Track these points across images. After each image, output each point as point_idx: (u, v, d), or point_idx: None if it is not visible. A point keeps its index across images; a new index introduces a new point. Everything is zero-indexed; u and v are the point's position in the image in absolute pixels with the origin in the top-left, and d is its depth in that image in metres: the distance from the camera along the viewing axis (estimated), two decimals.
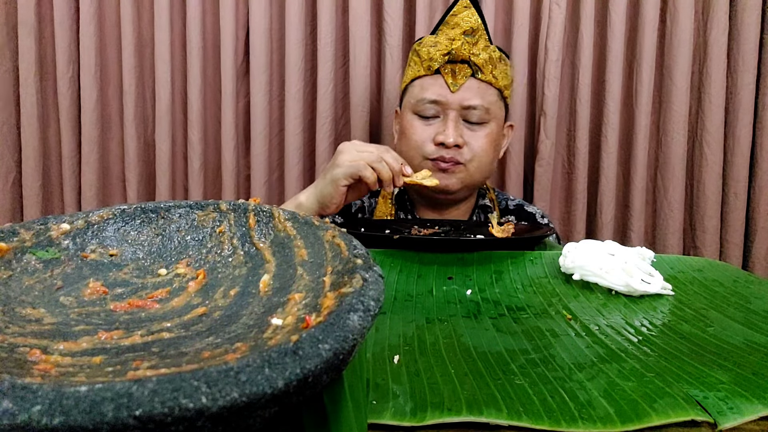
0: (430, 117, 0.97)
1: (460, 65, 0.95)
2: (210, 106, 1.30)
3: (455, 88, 0.94)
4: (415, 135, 0.97)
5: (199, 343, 0.27)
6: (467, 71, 0.95)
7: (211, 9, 1.27)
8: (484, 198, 1.09)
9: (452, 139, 0.93)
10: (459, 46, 0.94)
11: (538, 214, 1.08)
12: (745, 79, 1.23)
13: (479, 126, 0.96)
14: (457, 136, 0.94)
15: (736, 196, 1.26)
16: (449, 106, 0.95)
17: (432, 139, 0.96)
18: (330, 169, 0.84)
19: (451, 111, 0.95)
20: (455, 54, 0.94)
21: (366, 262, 0.31)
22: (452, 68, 0.95)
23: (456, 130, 0.94)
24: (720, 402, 0.34)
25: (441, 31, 0.98)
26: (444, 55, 0.95)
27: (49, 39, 1.27)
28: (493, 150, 0.99)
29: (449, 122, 0.95)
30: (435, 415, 0.32)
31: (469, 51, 0.94)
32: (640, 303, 0.54)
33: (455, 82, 0.95)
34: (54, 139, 1.31)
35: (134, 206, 0.41)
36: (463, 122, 0.96)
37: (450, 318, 0.50)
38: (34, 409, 0.18)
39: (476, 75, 0.95)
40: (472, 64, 0.95)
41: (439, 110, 0.96)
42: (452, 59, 0.95)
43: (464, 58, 0.95)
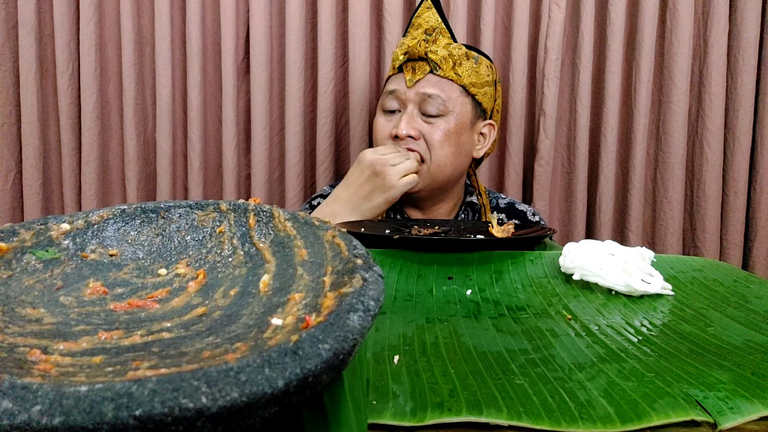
0: (393, 112, 1.00)
1: (419, 63, 0.98)
2: (210, 105, 1.30)
3: (411, 83, 0.98)
4: (378, 131, 1.01)
5: (199, 343, 0.27)
6: (425, 68, 0.98)
7: (211, 7, 1.27)
8: (471, 195, 1.09)
9: (404, 130, 0.96)
10: (415, 44, 0.98)
11: (529, 212, 1.08)
12: (745, 78, 1.23)
13: (437, 118, 0.97)
14: (410, 127, 0.96)
15: (736, 196, 1.26)
16: (407, 99, 0.98)
17: (389, 135, 0.99)
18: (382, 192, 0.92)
19: (410, 104, 0.98)
20: (411, 52, 0.98)
21: (366, 262, 0.31)
22: (412, 65, 0.99)
23: (409, 122, 0.97)
24: (720, 402, 0.34)
25: (408, 32, 1.02)
26: (404, 53, 0.99)
27: (49, 37, 1.27)
28: (454, 145, 0.99)
29: (404, 115, 0.98)
30: (435, 415, 0.32)
31: (425, 48, 0.98)
32: (640, 303, 0.54)
33: (413, 77, 0.98)
34: (54, 138, 1.31)
35: (134, 206, 0.41)
36: (422, 116, 0.98)
37: (450, 318, 0.50)
38: (34, 409, 0.18)
39: (435, 71, 0.98)
40: (430, 61, 0.98)
41: (400, 105, 0.99)
42: (410, 57, 0.99)
43: (421, 56, 0.98)
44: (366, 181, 0.92)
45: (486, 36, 1.23)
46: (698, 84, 1.27)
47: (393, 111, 1.00)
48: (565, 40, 1.26)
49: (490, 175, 1.32)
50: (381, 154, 0.92)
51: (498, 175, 1.33)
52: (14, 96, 1.29)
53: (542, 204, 1.26)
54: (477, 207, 1.08)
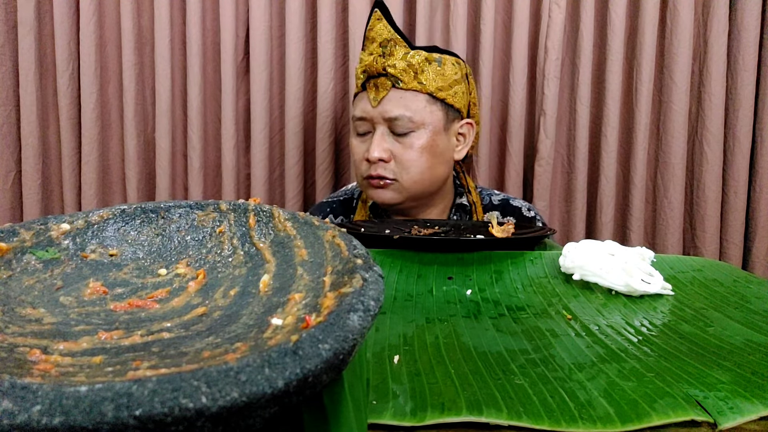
0: (365, 134, 0.98)
1: (380, 79, 0.95)
2: (210, 105, 1.30)
3: (375, 102, 0.95)
4: (354, 154, 1.00)
5: (199, 343, 0.27)
6: (387, 83, 0.95)
7: (211, 7, 1.27)
8: (461, 197, 1.07)
9: (376, 154, 0.94)
10: (371, 61, 0.95)
11: (524, 208, 1.05)
12: (745, 78, 1.23)
13: (406, 136, 0.95)
14: (381, 150, 0.94)
15: (736, 196, 1.26)
16: (375, 120, 0.96)
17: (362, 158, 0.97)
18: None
19: (379, 125, 0.96)
20: (370, 69, 0.95)
21: (366, 262, 0.31)
22: (374, 82, 0.96)
23: (380, 145, 0.94)
24: (720, 402, 0.34)
25: (365, 46, 0.99)
26: (363, 72, 0.97)
27: (49, 37, 1.27)
28: (429, 157, 0.96)
29: (375, 138, 0.95)
30: (435, 415, 0.32)
31: (382, 63, 0.94)
32: (640, 303, 0.54)
33: (376, 96, 0.95)
34: (54, 138, 1.31)
35: (134, 206, 0.41)
36: (392, 135, 0.95)
37: (450, 318, 0.50)
38: (34, 409, 0.18)
39: (396, 85, 0.94)
40: (390, 76, 0.94)
41: (369, 127, 0.97)
42: (370, 75, 0.96)
43: (380, 71, 0.94)
44: None
45: (486, 36, 1.23)
46: (698, 84, 1.27)
47: (364, 133, 0.98)
48: (565, 40, 1.26)
49: (490, 175, 1.32)
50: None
51: (498, 175, 1.33)
52: (14, 96, 1.29)
53: (542, 204, 1.26)
54: (468, 208, 1.05)
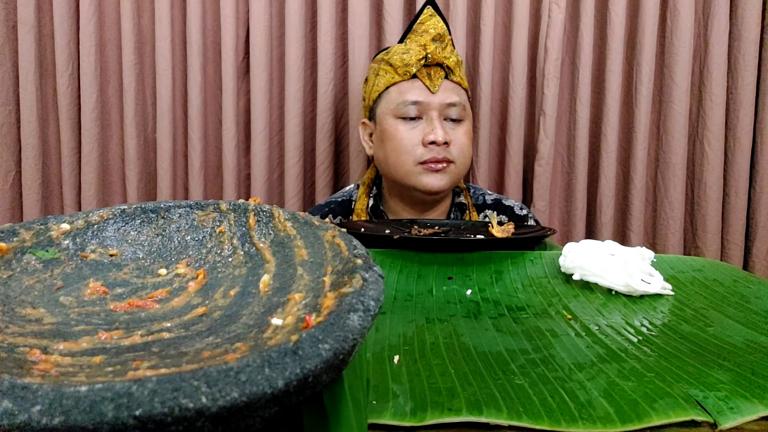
0: (413, 119, 0.99)
1: (434, 68, 1.00)
2: (210, 105, 1.30)
3: (435, 89, 0.99)
4: (403, 139, 0.99)
5: (199, 343, 0.27)
6: (441, 73, 1.00)
7: (211, 7, 1.27)
8: (459, 196, 1.10)
9: (441, 137, 0.96)
10: (433, 50, 0.99)
11: (516, 207, 1.08)
12: (746, 78, 1.23)
13: (458, 123, 1.01)
14: (444, 133, 0.97)
15: (737, 196, 1.26)
16: (431, 106, 0.98)
17: (421, 142, 0.98)
18: None
19: (433, 111, 0.99)
20: (431, 58, 0.99)
21: (366, 262, 0.31)
22: (428, 71, 1.00)
23: (443, 129, 0.98)
24: (720, 402, 0.34)
25: (409, 38, 1.02)
26: (419, 59, 0.99)
27: (49, 37, 1.27)
28: (471, 146, 1.05)
29: (435, 122, 0.98)
30: (435, 415, 0.32)
31: (441, 55, 1.00)
32: (640, 303, 0.54)
33: (433, 83, 0.99)
34: (54, 138, 1.31)
35: (134, 206, 0.41)
36: (444, 121, 1.00)
37: (450, 318, 0.50)
38: (34, 409, 0.18)
39: (449, 77, 1.00)
40: (445, 67, 1.00)
41: (421, 111, 0.99)
42: (428, 63, 1.00)
43: (438, 62, 0.99)
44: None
45: (486, 36, 1.23)
46: (698, 84, 1.27)
47: (413, 118, 0.99)
48: (565, 40, 1.26)
49: (490, 175, 1.32)
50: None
51: (498, 175, 1.32)
52: (14, 96, 1.29)
53: (542, 204, 1.26)
54: (465, 207, 1.09)
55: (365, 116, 1.08)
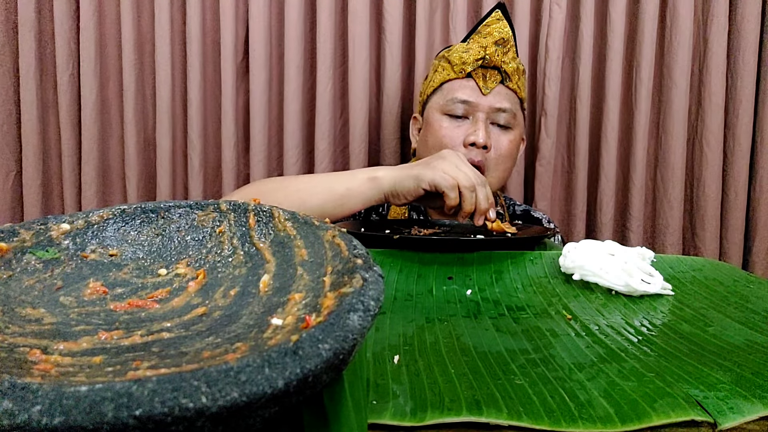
0: (460, 117, 0.98)
1: (491, 71, 0.99)
2: (210, 104, 1.30)
3: (487, 91, 0.97)
4: (446, 136, 0.98)
5: (199, 343, 0.27)
6: (497, 77, 0.98)
7: (211, 6, 1.27)
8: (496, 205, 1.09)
9: (482, 139, 0.95)
10: (492, 52, 0.98)
11: (545, 219, 1.09)
12: (745, 78, 1.23)
13: (505, 130, 0.99)
14: (487, 137, 0.96)
15: (736, 196, 1.26)
16: (479, 108, 0.97)
17: (462, 141, 0.97)
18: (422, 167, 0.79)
19: (481, 113, 0.97)
20: (488, 60, 0.98)
21: (366, 262, 0.31)
22: (483, 73, 0.99)
23: (486, 131, 0.96)
24: (720, 402, 0.34)
25: (473, 39, 1.02)
26: (477, 59, 0.98)
27: (49, 36, 1.27)
28: (514, 158, 1.02)
29: (479, 123, 0.96)
30: (435, 415, 0.32)
31: (500, 58, 0.98)
32: (640, 303, 0.54)
33: (486, 85, 0.98)
34: (54, 137, 1.31)
35: (134, 206, 0.41)
36: (490, 125, 0.98)
37: (450, 318, 0.50)
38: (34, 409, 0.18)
39: (505, 82, 0.99)
40: (502, 71, 0.99)
41: (469, 111, 0.98)
42: (485, 64, 0.98)
43: (496, 65, 0.98)
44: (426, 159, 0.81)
45: None
46: (698, 84, 1.27)
47: (459, 116, 0.98)
48: (566, 40, 1.26)
49: None
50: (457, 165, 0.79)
51: None
52: (14, 96, 1.29)
53: (543, 204, 1.26)
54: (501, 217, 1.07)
55: (418, 111, 1.09)
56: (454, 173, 0.77)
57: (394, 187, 0.80)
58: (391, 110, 1.27)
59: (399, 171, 0.81)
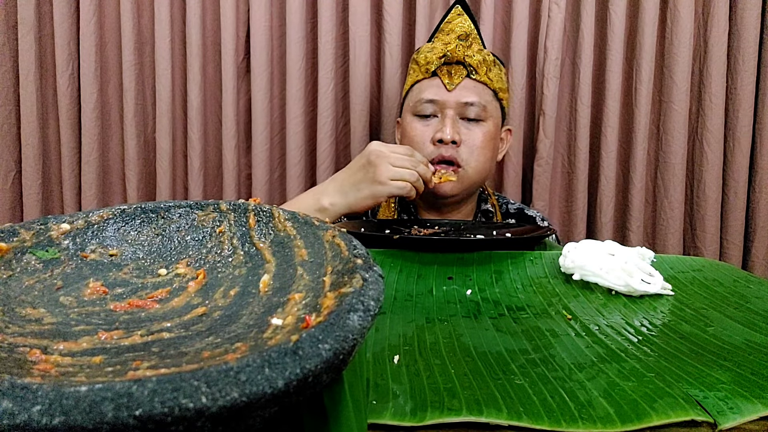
0: (429, 116, 0.99)
1: (455, 66, 0.98)
2: (210, 105, 1.30)
3: (451, 87, 0.97)
4: (416, 136, 0.99)
5: (199, 343, 0.27)
6: (463, 72, 0.98)
7: (211, 7, 1.27)
8: (486, 203, 1.10)
9: (449, 135, 0.95)
10: (453, 48, 0.98)
11: (539, 218, 1.09)
12: (745, 78, 1.23)
13: (476, 123, 0.98)
14: (454, 132, 0.96)
15: (736, 196, 1.26)
16: (446, 104, 0.97)
17: (431, 139, 0.97)
18: (369, 184, 0.86)
19: (449, 110, 0.97)
20: (450, 55, 0.98)
21: (366, 262, 0.31)
22: (448, 69, 0.98)
23: (453, 127, 0.96)
24: (720, 402, 0.34)
25: (437, 37, 1.02)
26: (440, 57, 0.99)
27: (49, 37, 1.27)
28: (491, 150, 1.00)
29: (446, 120, 0.97)
30: (435, 415, 0.32)
31: (463, 53, 0.98)
32: (640, 303, 0.54)
33: (451, 81, 0.98)
34: (54, 138, 1.31)
35: (134, 206, 0.41)
36: (460, 120, 0.98)
37: (450, 318, 0.50)
38: (34, 409, 0.18)
39: (471, 75, 0.98)
40: (467, 65, 0.98)
41: (437, 110, 0.98)
42: (448, 60, 0.98)
43: (459, 59, 0.98)
44: (361, 168, 0.88)
45: (486, 36, 1.23)
46: (698, 84, 1.27)
47: (428, 115, 0.99)
48: (565, 40, 1.26)
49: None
50: (388, 149, 0.87)
51: (498, 176, 1.32)
52: (14, 96, 1.29)
53: (542, 204, 1.26)
54: (491, 214, 1.08)
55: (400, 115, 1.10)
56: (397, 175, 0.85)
57: (349, 209, 0.88)
58: (391, 111, 1.27)
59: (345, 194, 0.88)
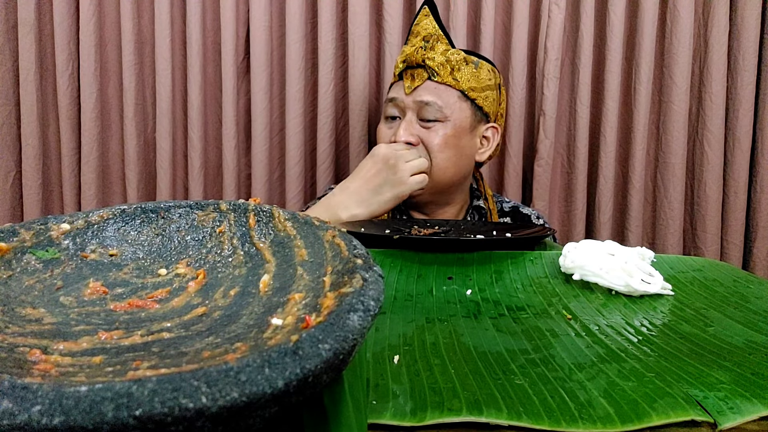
0: (394, 119, 1.02)
1: (417, 70, 0.99)
2: (210, 105, 1.30)
3: (409, 90, 0.99)
4: (380, 138, 1.03)
5: (199, 343, 0.27)
6: (424, 75, 0.99)
7: (211, 7, 1.27)
8: (478, 200, 1.10)
9: (402, 137, 0.97)
10: (412, 51, 0.99)
11: (534, 215, 1.08)
12: (746, 78, 1.23)
13: (435, 123, 0.98)
14: (408, 134, 0.97)
15: (737, 196, 1.26)
16: (406, 106, 0.99)
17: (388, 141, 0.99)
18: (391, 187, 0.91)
19: (408, 111, 0.99)
20: (409, 59, 0.99)
21: (366, 262, 0.31)
22: (411, 73, 1.00)
23: (407, 129, 0.98)
24: (720, 402, 0.34)
25: (408, 40, 1.03)
26: (403, 61, 1.00)
27: (49, 37, 1.27)
28: (453, 149, 0.99)
29: (403, 122, 0.99)
30: (435, 415, 0.32)
31: (422, 56, 0.98)
32: (640, 303, 0.54)
33: (411, 84, 0.99)
34: (54, 138, 1.31)
35: (134, 206, 0.41)
36: (420, 121, 0.99)
37: (450, 318, 0.50)
38: (34, 409, 0.18)
39: (432, 78, 0.98)
40: (427, 68, 0.98)
41: (399, 112, 1.00)
42: (409, 64, 1.00)
43: (419, 62, 0.99)
44: (377, 173, 0.91)
45: (486, 36, 1.23)
46: (698, 84, 1.27)
47: (394, 118, 1.02)
48: (565, 40, 1.26)
49: (490, 176, 1.32)
50: (395, 149, 0.93)
51: (498, 176, 1.32)
52: (14, 96, 1.29)
53: (542, 204, 1.26)
54: (484, 211, 1.08)
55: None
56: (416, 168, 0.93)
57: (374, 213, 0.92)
58: None
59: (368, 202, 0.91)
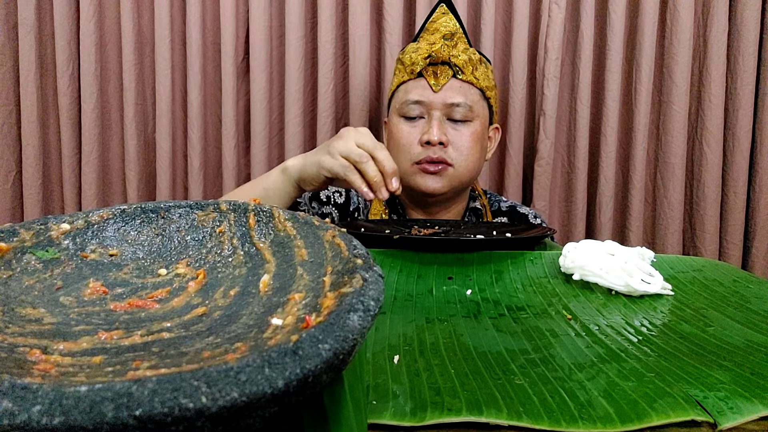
0: (415, 118, 0.99)
1: (441, 67, 0.98)
2: (210, 105, 1.30)
3: (437, 88, 0.97)
4: (402, 138, 0.99)
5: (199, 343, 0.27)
6: (448, 72, 0.97)
7: (211, 7, 1.27)
8: (475, 201, 1.10)
9: (436, 137, 0.95)
10: (438, 48, 0.97)
11: (531, 215, 1.08)
12: (745, 78, 1.23)
13: (463, 124, 0.98)
14: (441, 134, 0.95)
15: (736, 196, 1.26)
16: (432, 106, 0.97)
17: (418, 141, 0.97)
18: (323, 151, 0.81)
19: (435, 111, 0.97)
20: (435, 56, 0.97)
21: (366, 262, 0.31)
22: (434, 70, 0.98)
23: (440, 129, 0.96)
24: (720, 402, 0.34)
25: (422, 37, 1.01)
26: (425, 58, 0.98)
27: (49, 37, 1.27)
28: (479, 150, 1.00)
29: (433, 121, 0.96)
30: (435, 415, 0.32)
31: (448, 53, 0.97)
32: (640, 303, 0.54)
33: (437, 82, 0.97)
34: (54, 138, 1.31)
35: (134, 206, 0.41)
36: (447, 121, 0.98)
37: (450, 318, 0.50)
38: (34, 409, 0.18)
39: (457, 75, 0.97)
40: (452, 65, 0.97)
41: (423, 111, 0.98)
42: (433, 61, 0.98)
43: (444, 60, 0.97)
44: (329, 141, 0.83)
45: (486, 36, 1.23)
46: (698, 84, 1.27)
47: (415, 117, 0.99)
48: (565, 40, 1.26)
49: (491, 176, 1.32)
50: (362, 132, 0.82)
51: (498, 176, 1.32)
52: (14, 96, 1.29)
53: (542, 204, 1.26)
54: (480, 212, 1.08)
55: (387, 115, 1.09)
56: (346, 151, 0.79)
57: (300, 174, 0.84)
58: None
59: (305, 158, 0.85)
